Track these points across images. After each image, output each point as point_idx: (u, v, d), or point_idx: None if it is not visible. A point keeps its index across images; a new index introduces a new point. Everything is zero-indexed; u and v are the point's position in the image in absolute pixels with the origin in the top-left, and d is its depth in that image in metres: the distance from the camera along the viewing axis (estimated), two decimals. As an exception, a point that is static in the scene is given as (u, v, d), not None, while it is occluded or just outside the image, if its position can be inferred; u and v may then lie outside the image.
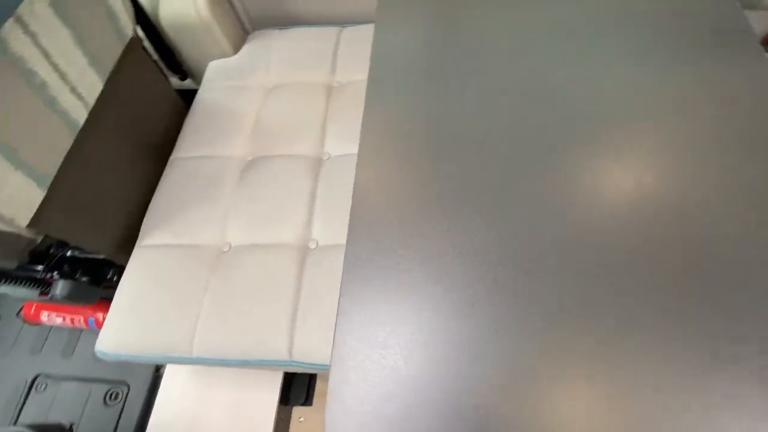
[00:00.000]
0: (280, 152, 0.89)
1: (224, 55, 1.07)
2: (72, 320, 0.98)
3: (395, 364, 0.42)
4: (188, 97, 1.06)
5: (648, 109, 0.53)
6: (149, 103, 0.94)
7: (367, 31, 1.05)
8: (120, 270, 0.84)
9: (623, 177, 0.49)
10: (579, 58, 0.58)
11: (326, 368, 0.67)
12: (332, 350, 0.44)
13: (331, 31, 1.07)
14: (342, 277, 0.47)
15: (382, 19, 0.69)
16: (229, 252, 0.79)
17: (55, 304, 0.94)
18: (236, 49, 1.08)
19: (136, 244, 0.82)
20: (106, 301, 0.93)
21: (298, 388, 1.14)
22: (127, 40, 0.78)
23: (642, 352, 0.39)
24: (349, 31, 1.07)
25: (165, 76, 1.08)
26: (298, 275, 0.74)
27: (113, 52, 0.74)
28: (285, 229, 0.79)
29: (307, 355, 0.68)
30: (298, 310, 0.71)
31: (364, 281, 0.47)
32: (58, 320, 0.99)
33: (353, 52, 1.02)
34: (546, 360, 0.40)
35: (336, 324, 0.45)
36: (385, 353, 0.43)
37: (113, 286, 0.87)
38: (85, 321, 0.98)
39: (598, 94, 0.55)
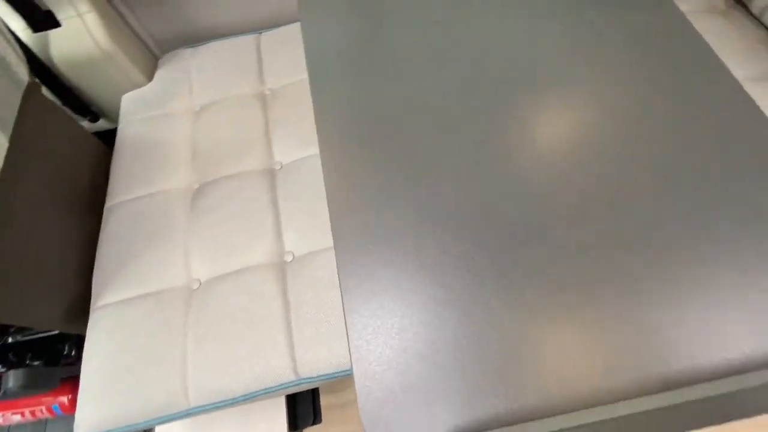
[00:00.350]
0: (228, 172, 0.84)
1: (137, 86, 0.99)
2: (32, 413, 0.86)
3: (415, 345, 0.42)
4: (108, 138, 0.97)
5: (571, 63, 0.57)
6: (66, 152, 0.84)
7: (286, 32, 1.02)
8: (78, 341, 0.75)
9: (554, 127, 0.53)
10: (500, 23, 0.61)
11: (338, 376, 0.65)
12: (350, 350, 0.42)
13: (248, 39, 1.03)
14: (339, 278, 0.46)
15: (307, 16, 0.67)
16: (200, 289, 0.74)
17: (8, 400, 0.82)
18: (149, 76, 1.00)
19: (91, 308, 0.74)
20: (69, 381, 0.83)
21: (303, 408, 1.10)
22: (24, 86, 0.69)
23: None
24: (268, 36, 1.03)
25: (75, 120, 0.98)
26: (283, 292, 0.71)
27: (11, 102, 0.65)
28: (256, 250, 0.75)
29: (314, 368, 0.65)
30: (292, 326, 0.68)
31: (361, 276, 0.46)
32: (16, 418, 0.86)
33: (278, 57, 0.99)
34: (533, 311, 0.42)
35: (347, 325, 0.44)
36: (403, 337, 0.43)
37: (74, 362, 0.78)
38: (48, 409, 0.87)
39: (523, 55, 0.58)
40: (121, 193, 0.85)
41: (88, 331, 0.72)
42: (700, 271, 0.42)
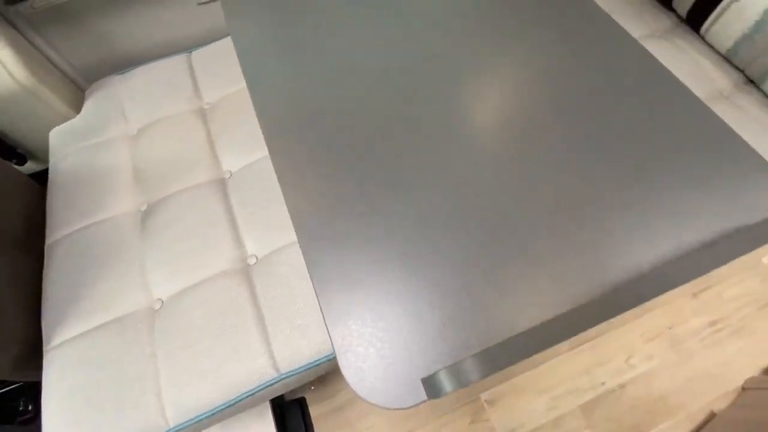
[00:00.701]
0: (177, 189, 0.82)
1: (65, 119, 0.95)
2: (-10, 484, 0.78)
3: (390, 314, 0.44)
4: (42, 179, 0.91)
5: (488, 54, 0.64)
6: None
7: (217, 48, 1.03)
8: (35, 394, 0.70)
9: (480, 103, 0.59)
10: (418, 32, 0.67)
11: (320, 363, 0.65)
12: (329, 333, 0.43)
13: (179, 59, 1.02)
14: (308, 268, 0.46)
15: (236, 27, 0.69)
16: (163, 308, 0.71)
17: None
18: (77, 108, 0.97)
19: (45, 350, 0.69)
20: (29, 437, 0.76)
21: (293, 422, 1.07)
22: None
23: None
24: (198, 54, 1.03)
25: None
26: (251, 294, 0.70)
27: None
28: (217, 258, 0.74)
29: (295, 360, 0.65)
30: (266, 325, 0.67)
31: (327, 261, 0.47)
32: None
33: (212, 71, 0.99)
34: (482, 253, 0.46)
35: (322, 310, 0.44)
36: (373, 296, 0.44)
37: (33, 418, 0.72)
38: (9, 476, 0.79)
39: (442, 55, 0.64)
40: (62, 228, 0.80)
41: (44, 375, 0.67)
42: (617, 196, 0.48)
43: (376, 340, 0.42)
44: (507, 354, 0.38)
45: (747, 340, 1.18)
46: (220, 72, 0.98)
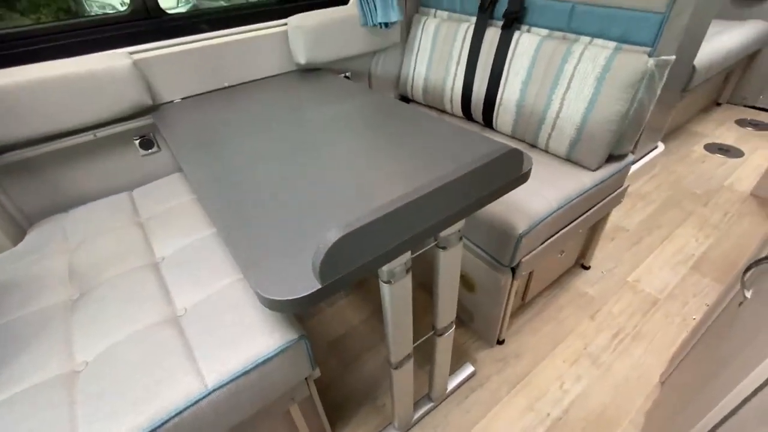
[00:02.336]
0: (109, 275, 0.92)
1: (2, 250, 1.05)
2: None
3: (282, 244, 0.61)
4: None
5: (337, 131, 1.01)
6: None
7: (157, 185, 1.28)
8: None
9: (333, 165, 0.92)
10: (308, 130, 1.04)
11: (250, 371, 0.69)
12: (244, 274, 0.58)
13: (121, 195, 1.24)
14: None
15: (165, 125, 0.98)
16: (87, 368, 0.73)
17: None
18: (16, 242, 1.08)
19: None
20: None
21: None
22: None
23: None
24: (140, 191, 1.27)
25: None
26: (181, 334, 0.76)
27: None
28: (146, 313, 0.81)
29: (223, 372, 0.68)
30: (192, 348, 0.72)
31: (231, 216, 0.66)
32: None
33: (152, 198, 1.21)
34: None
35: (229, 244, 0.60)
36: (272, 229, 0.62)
37: None
38: None
39: (314, 135, 1.00)
40: (-18, 329, 0.82)
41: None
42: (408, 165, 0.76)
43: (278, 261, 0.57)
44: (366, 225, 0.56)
45: (646, 342, 1.35)
46: (160, 198, 1.21)
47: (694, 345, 1.04)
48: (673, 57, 1.08)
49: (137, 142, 1.28)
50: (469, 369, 1.27)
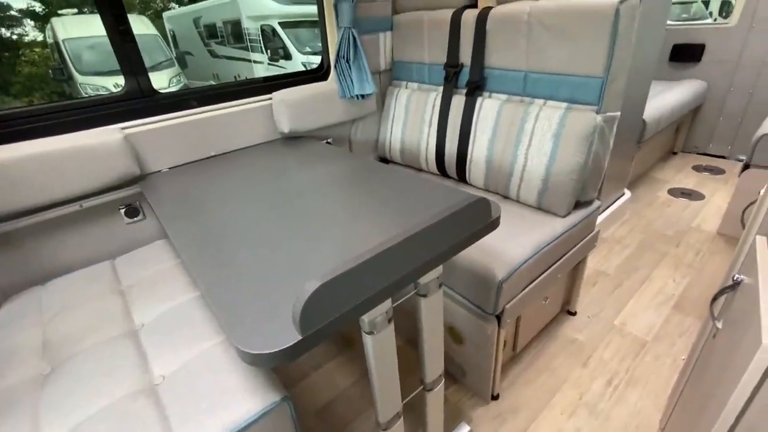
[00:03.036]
0: (84, 346, 0.89)
1: (-27, 328, 1.01)
2: None
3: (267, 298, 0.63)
4: None
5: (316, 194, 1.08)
6: None
7: (139, 253, 1.29)
8: None
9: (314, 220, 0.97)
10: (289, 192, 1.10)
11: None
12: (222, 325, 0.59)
13: (103, 265, 1.24)
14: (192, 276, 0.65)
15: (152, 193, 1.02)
16: (53, 450, 0.68)
17: None
18: (-11, 318, 1.05)
19: None
20: None
21: None
22: None
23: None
24: (123, 258, 1.27)
25: None
26: (157, 404, 0.73)
27: None
28: (121, 384, 0.78)
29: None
30: (170, 419, 0.69)
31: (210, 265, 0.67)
32: None
33: (135, 266, 1.21)
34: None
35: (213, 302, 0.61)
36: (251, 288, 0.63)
37: None
38: None
39: (301, 195, 1.06)
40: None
41: None
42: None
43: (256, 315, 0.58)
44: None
45: (640, 387, 1.32)
46: (143, 265, 1.21)
47: (684, 385, 1.03)
48: (618, 113, 1.21)
49: (123, 210, 1.30)
50: (465, 429, 1.21)
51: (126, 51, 1.24)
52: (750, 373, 0.53)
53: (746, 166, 1.91)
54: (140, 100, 1.30)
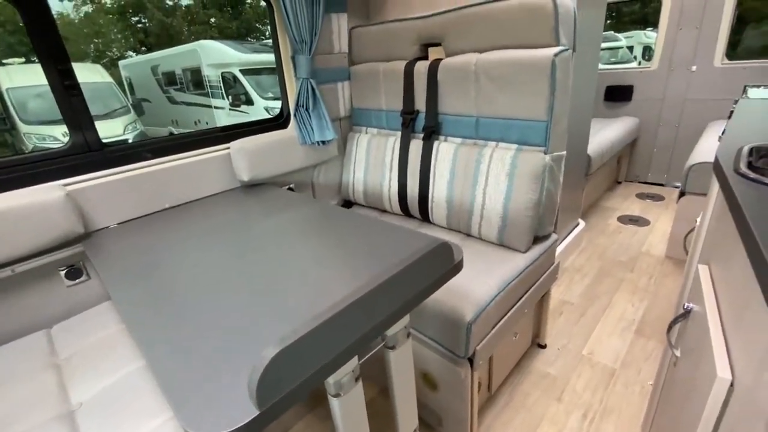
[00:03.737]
0: (11, 435, 0.78)
1: None
2: None
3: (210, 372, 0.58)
4: None
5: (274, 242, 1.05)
6: None
7: (83, 318, 1.18)
8: None
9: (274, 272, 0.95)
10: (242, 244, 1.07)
11: None
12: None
13: (36, 335, 1.11)
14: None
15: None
16: None
17: None
18: None
19: None
20: None
21: None
22: None
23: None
24: (61, 326, 1.15)
25: None
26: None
27: None
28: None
29: None
30: None
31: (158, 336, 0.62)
32: None
33: (75, 334, 1.10)
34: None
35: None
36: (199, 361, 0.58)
37: None
38: None
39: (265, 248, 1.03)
40: None
41: None
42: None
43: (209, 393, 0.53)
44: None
45: (615, 417, 1.33)
46: (84, 332, 1.10)
47: (655, 412, 1.04)
48: (564, 152, 1.29)
49: (63, 272, 1.20)
50: (445, 483, 1.14)
51: (71, 104, 1.19)
52: (710, 408, 0.54)
53: (682, 194, 2.08)
54: (86, 155, 1.24)
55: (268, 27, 1.67)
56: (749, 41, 3.30)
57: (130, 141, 5.93)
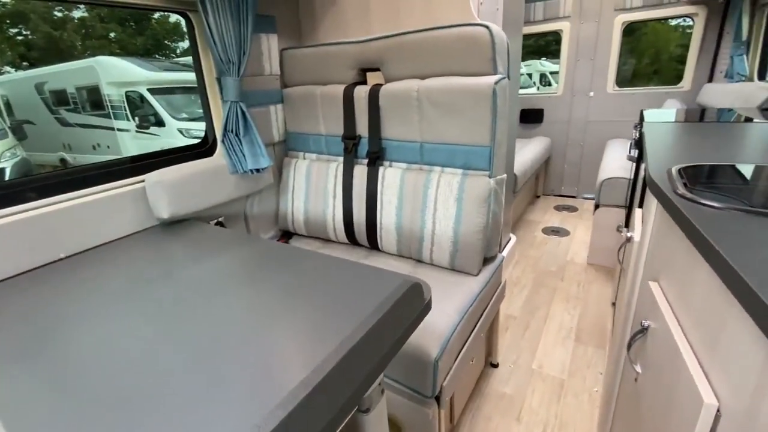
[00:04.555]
0: None
1: None
2: None
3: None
4: None
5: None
6: None
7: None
8: None
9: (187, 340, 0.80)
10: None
11: None
12: None
13: None
14: None
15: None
16: None
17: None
18: None
19: None
20: None
21: None
22: None
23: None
24: None
25: None
26: None
27: None
28: None
29: None
30: None
31: None
32: None
33: None
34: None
35: None
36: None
37: None
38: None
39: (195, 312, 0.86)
40: None
41: None
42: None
43: None
44: None
45: (571, 430, 1.36)
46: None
47: (612, 423, 1.08)
48: (505, 175, 1.33)
49: None
50: None
51: None
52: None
53: (597, 206, 2.31)
54: (-57, 198, 0.96)
55: (179, 44, 1.50)
56: (629, 72, 3.88)
57: (7, 169, 5.01)
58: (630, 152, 1.90)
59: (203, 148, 1.51)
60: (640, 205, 1.25)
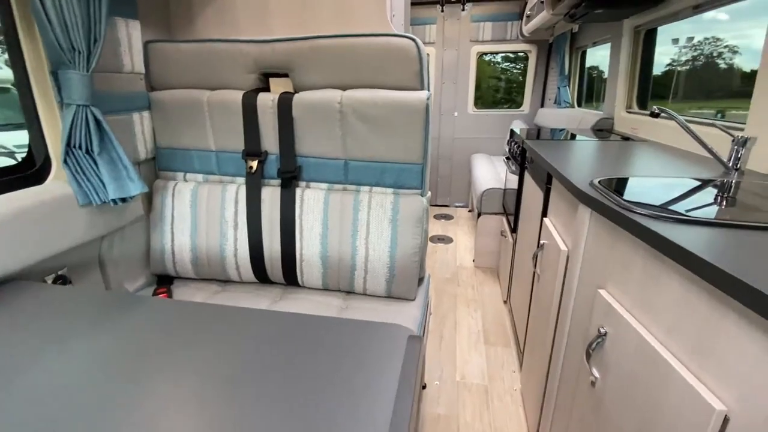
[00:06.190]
0: None
1: None
2: None
3: None
4: None
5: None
6: None
7: None
8: None
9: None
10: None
11: None
12: None
13: None
14: None
15: None
16: None
17: None
18: None
19: None
20: None
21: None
22: None
23: None
24: None
25: None
26: None
27: None
28: None
29: None
30: None
31: None
32: None
33: None
34: None
35: None
36: None
37: None
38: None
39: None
40: None
41: None
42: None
43: None
44: None
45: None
46: None
47: (551, 426, 1.13)
48: (430, 193, 1.30)
49: None
50: None
51: None
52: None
53: (479, 214, 2.54)
54: None
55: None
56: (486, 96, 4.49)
57: None
58: (511, 166, 2.14)
59: (27, 173, 1.03)
60: (545, 215, 1.38)
